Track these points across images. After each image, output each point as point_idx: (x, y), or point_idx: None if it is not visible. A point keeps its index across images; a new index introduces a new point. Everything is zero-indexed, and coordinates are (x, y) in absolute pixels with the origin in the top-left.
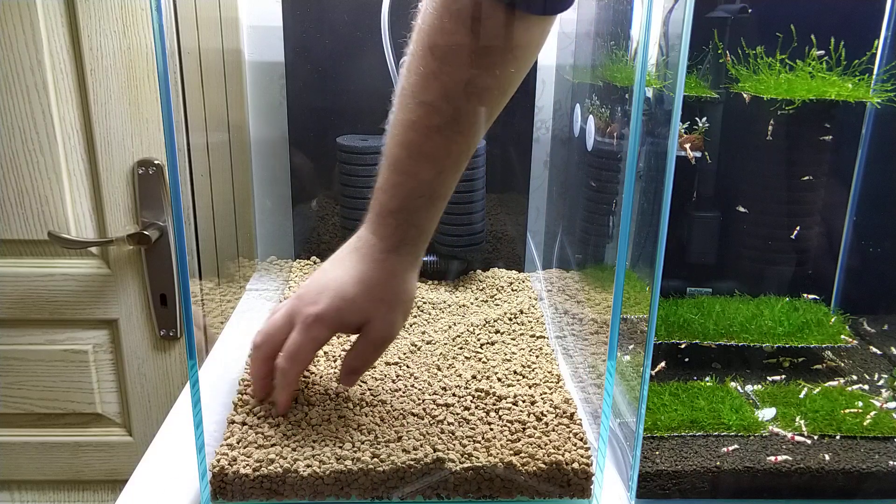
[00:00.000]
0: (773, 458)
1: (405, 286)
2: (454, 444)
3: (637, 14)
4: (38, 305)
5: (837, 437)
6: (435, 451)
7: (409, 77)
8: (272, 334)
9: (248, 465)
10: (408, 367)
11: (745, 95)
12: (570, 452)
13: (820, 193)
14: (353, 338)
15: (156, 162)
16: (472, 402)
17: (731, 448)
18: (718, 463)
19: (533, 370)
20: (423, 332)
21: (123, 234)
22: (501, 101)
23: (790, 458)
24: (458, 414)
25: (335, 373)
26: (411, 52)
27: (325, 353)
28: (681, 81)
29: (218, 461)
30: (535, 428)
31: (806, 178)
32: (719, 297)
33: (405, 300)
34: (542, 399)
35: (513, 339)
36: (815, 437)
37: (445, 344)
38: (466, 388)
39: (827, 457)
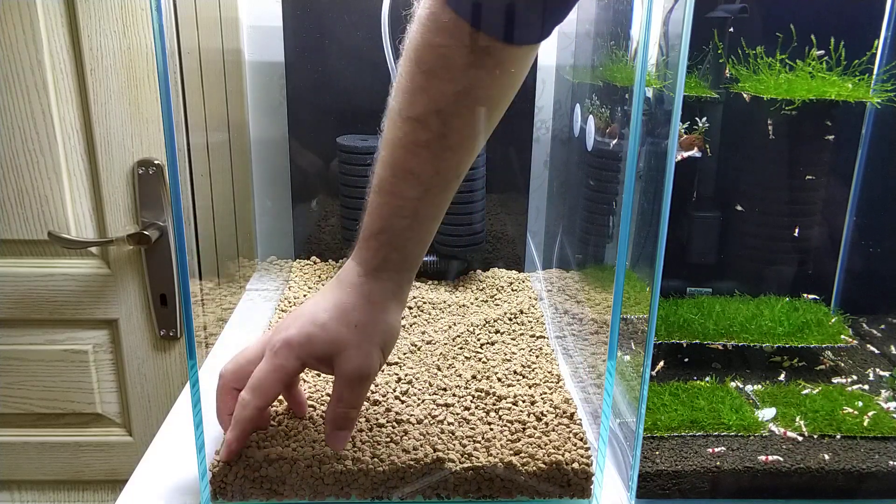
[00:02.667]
0: (763, 457)
1: (385, 316)
2: (454, 444)
3: (637, 14)
4: (38, 305)
5: (837, 437)
6: (435, 451)
7: (396, 96)
8: (240, 364)
9: (248, 465)
10: (408, 367)
11: (745, 95)
12: (570, 452)
13: (820, 193)
14: None
15: (156, 162)
16: (472, 402)
17: (716, 449)
18: (718, 463)
19: (533, 370)
20: (423, 332)
21: (123, 234)
22: (494, 116)
23: (781, 459)
24: (458, 414)
25: None
26: (399, 72)
27: None
28: (681, 81)
29: (218, 461)
30: (535, 428)
31: (809, 177)
32: (719, 297)
33: (384, 331)
34: (542, 399)
35: (513, 339)
36: (806, 435)
37: (445, 344)
38: (466, 388)
39: (827, 457)
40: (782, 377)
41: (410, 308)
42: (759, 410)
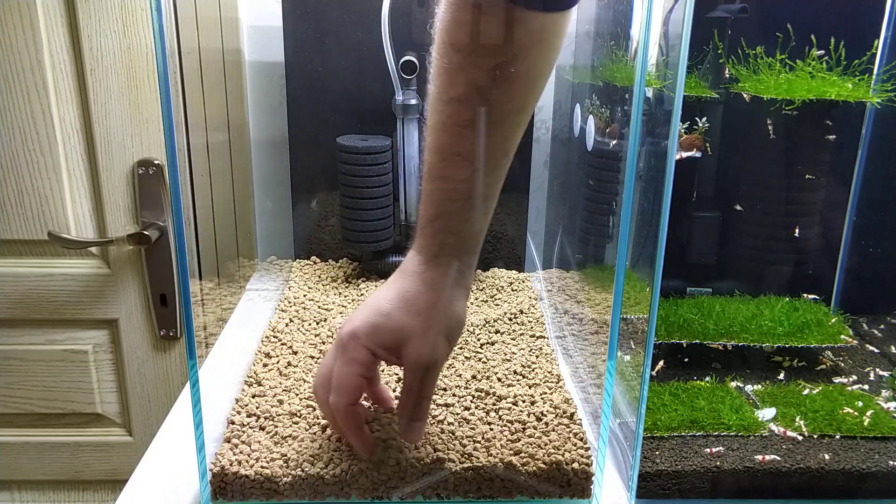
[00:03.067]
0: (761, 457)
1: (448, 302)
2: (454, 444)
3: (637, 14)
4: (38, 305)
5: (837, 437)
6: (435, 452)
7: (435, 80)
8: (322, 374)
9: (248, 465)
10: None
11: (745, 95)
12: (570, 452)
13: (820, 193)
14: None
15: (156, 162)
16: (472, 402)
17: (714, 449)
18: (718, 463)
19: (533, 370)
20: None
21: (123, 234)
22: (535, 88)
23: (779, 458)
24: (458, 414)
25: None
26: (434, 56)
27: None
28: (681, 81)
29: (218, 461)
30: (535, 428)
31: (809, 177)
32: (719, 297)
33: (449, 317)
34: (542, 399)
35: (513, 339)
36: (806, 435)
37: None
38: (466, 388)
39: (827, 457)
40: (782, 377)
41: None
42: (759, 410)
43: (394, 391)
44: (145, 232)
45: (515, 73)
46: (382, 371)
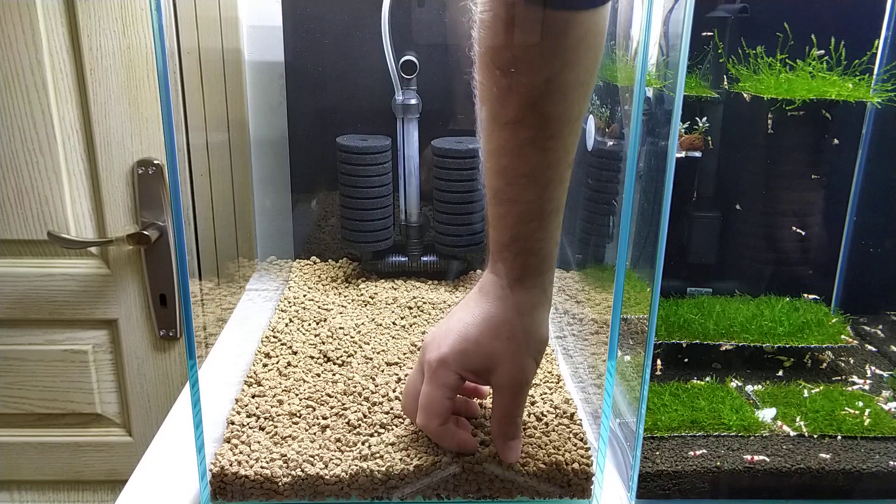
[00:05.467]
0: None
1: (534, 324)
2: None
3: (637, 14)
4: (37, 305)
5: (838, 438)
6: (436, 452)
7: (485, 104)
8: (409, 392)
9: (247, 465)
10: (408, 367)
11: (745, 95)
12: (570, 452)
13: (820, 193)
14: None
15: (155, 162)
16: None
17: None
18: (719, 463)
19: None
20: (423, 332)
21: (123, 234)
22: (587, 93)
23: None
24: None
25: (333, 375)
26: (479, 81)
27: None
28: (681, 81)
29: (217, 461)
30: (535, 428)
31: (811, 177)
32: (719, 297)
33: (536, 340)
34: (542, 399)
35: None
36: (806, 435)
37: None
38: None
39: (827, 457)
40: (782, 377)
41: (410, 308)
42: (759, 410)
43: (394, 391)
44: (145, 232)
45: (566, 82)
46: (382, 372)
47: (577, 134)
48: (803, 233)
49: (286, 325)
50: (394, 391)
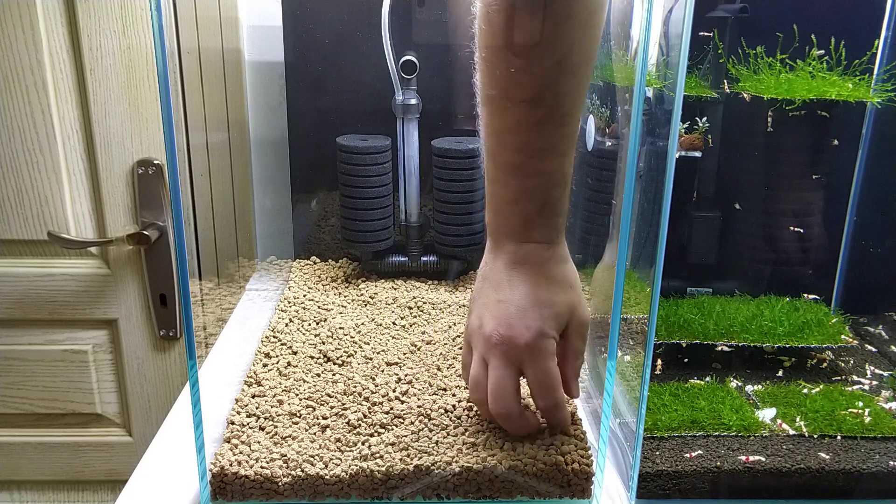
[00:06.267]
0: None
1: (573, 267)
2: (454, 445)
3: (637, 14)
4: (37, 305)
5: (838, 438)
6: (436, 452)
7: (497, 82)
8: (505, 389)
9: (247, 465)
10: (408, 366)
11: (745, 95)
12: (570, 453)
13: (820, 193)
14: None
15: (155, 162)
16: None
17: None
18: (719, 463)
19: None
20: (423, 332)
21: (123, 234)
22: (589, 71)
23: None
24: (458, 414)
25: (332, 376)
26: (486, 58)
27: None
28: (681, 81)
29: (217, 461)
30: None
31: (811, 177)
32: (719, 297)
33: (578, 279)
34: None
35: None
36: (806, 435)
37: (445, 344)
38: (467, 388)
39: (826, 457)
40: (782, 377)
41: (410, 308)
42: (759, 410)
43: (393, 391)
44: (145, 232)
45: (575, 62)
46: (382, 372)
47: (583, 106)
48: (801, 230)
49: (286, 325)
50: (394, 391)
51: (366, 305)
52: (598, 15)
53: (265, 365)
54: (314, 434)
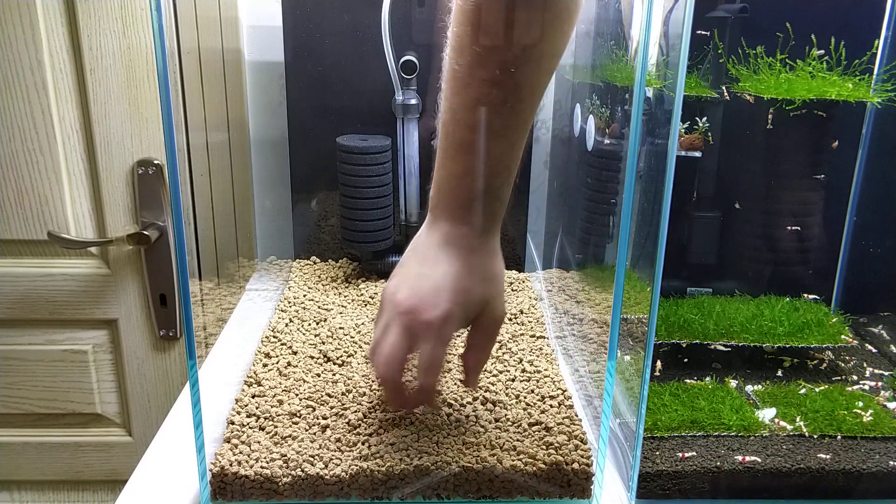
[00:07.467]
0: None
1: (502, 264)
2: (454, 445)
3: (637, 14)
4: (37, 305)
5: (838, 438)
6: (436, 452)
7: (461, 57)
8: (395, 356)
9: (247, 465)
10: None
11: (746, 96)
12: (570, 453)
13: (820, 193)
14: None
15: (155, 162)
16: (472, 402)
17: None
18: (718, 463)
19: (533, 370)
20: None
21: (123, 234)
22: (553, 66)
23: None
24: (458, 414)
25: (332, 374)
26: (457, 33)
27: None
28: (681, 81)
29: (217, 461)
30: (535, 428)
31: (812, 177)
32: (719, 297)
33: (504, 277)
34: (543, 399)
35: (513, 340)
36: (806, 434)
37: None
38: (467, 388)
39: (826, 457)
40: (782, 377)
41: None
42: (759, 410)
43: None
44: (145, 232)
45: (541, 52)
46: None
47: (539, 104)
48: (801, 230)
49: (286, 325)
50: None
51: (366, 305)
52: (573, 12)
53: (265, 365)
54: (314, 434)
